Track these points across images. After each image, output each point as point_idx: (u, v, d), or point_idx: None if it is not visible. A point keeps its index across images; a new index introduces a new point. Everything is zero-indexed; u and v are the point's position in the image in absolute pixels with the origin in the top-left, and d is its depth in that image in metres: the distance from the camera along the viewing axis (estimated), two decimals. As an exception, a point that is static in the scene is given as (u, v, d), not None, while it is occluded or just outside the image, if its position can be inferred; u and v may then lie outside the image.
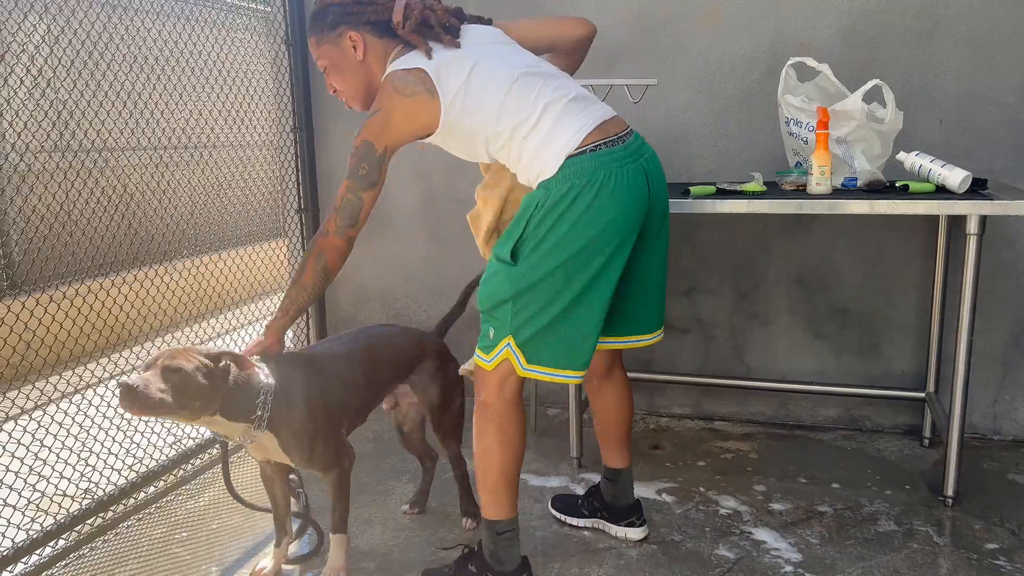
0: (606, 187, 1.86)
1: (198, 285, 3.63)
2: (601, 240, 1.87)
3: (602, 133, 1.89)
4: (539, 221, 1.88)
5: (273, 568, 2.23)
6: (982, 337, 3.03)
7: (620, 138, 1.92)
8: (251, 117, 3.70)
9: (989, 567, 2.21)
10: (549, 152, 1.88)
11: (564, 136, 1.87)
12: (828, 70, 2.68)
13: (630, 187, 1.89)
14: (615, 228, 1.88)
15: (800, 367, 3.24)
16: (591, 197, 1.85)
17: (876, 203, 2.37)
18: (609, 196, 1.86)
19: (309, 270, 1.98)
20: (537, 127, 1.89)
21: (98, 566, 2.35)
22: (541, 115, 1.88)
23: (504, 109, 1.89)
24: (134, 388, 1.79)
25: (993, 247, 2.98)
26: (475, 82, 1.90)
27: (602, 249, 1.88)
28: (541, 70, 1.95)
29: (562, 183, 1.86)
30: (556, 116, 1.89)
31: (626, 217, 1.89)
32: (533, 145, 1.90)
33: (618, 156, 1.88)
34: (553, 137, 1.88)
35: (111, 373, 3.31)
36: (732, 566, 2.25)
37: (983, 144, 2.94)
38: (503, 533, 2.05)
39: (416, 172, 3.61)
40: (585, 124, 1.89)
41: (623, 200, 1.87)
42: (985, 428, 3.12)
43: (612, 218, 1.87)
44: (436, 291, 3.68)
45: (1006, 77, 2.88)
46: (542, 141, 1.89)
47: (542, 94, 1.90)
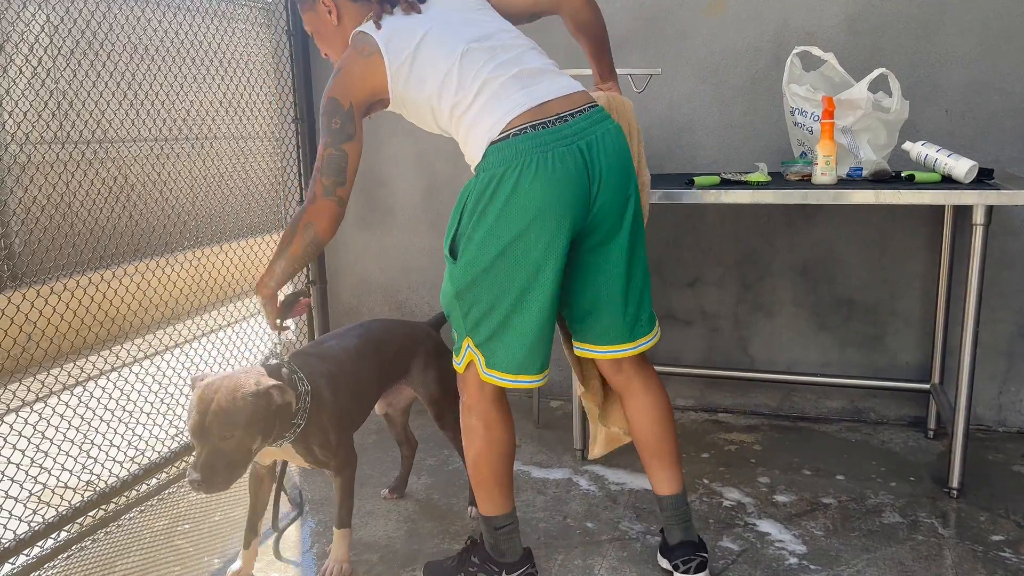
0: (527, 174, 1.72)
1: (199, 277, 3.62)
2: (532, 232, 1.74)
3: (536, 114, 1.75)
4: (470, 214, 1.80)
5: (246, 571, 2.21)
6: (987, 328, 3.02)
7: (559, 119, 1.76)
8: (252, 108, 3.69)
9: (994, 559, 2.20)
10: (475, 137, 1.79)
11: (490, 120, 1.76)
12: (833, 59, 2.66)
13: (555, 172, 1.72)
14: (544, 218, 1.74)
15: (804, 359, 3.22)
16: (512, 185, 1.73)
17: (881, 193, 2.35)
18: (531, 183, 1.72)
19: (297, 241, 1.86)
20: (470, 108, 1.78)
21: (100, 558, 2.34)
22: (476, 95, 1.77)
23: (445, 85, 1.79)
24: (200, 483, 1.76)
25: (999, 238, 2.96)
26: (423, 52, 1.80)
27: (534, 242, 1.75)
28: (493, 43, 1.82)
29: (485, 172, 1.77)
30: (487, 97, 1.77)
31: (555, 205, 1.73)
32: (465, 127, 1.80)
33: (545, 139, 1.73)
34: (480, 120, 1.77)
35: (112, 365, 3.30)
36: (736, 558, 2.24)
37: (989, 134, 2.91)
38: (501, 528, 2.03)
39: (418, 164, 3.59)
40: (516, 105, 1.75)
41: (548, 187, 1.72)
42: (990, 420, 3.10)
43: (539, 207, 1.73)
44: (438, 283, 3.66)
45: (1013, 66, 2.86)
46: (471, 123, 1.79)
47: (482, 71, 1.78)
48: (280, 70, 3.62)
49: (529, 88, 1.78)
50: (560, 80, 1.83)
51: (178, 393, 3.41)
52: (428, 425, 3.27)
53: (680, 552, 2.06)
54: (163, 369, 3.42)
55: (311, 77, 3.64)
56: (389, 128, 3.60)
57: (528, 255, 1.77)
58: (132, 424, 3.02)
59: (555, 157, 1.73)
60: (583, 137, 1.77)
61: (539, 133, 1.74)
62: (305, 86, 3.62)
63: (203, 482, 1.76)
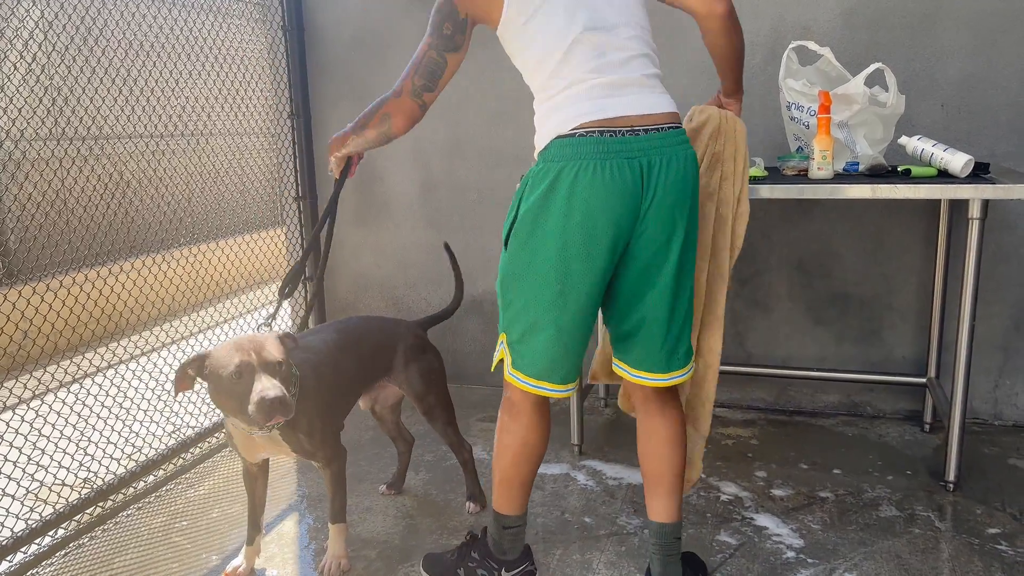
0: (583, 176, 1.71)
1: (195, 273, 3.61)
2: (577, 235, 1.73)
3: (609, 123, 1.72)
4: (522, 203, 1.79)
5: (247, 567, 2.21)
6: (983, 322, 3.03)
7: (630, 131, 1.72)
8: (248, 104, 3.68)
9: (991, 552, 2.20)
10: (547, 125, 1.78)
11: (564, 115, 1.74)
12: (830, 54, 2.65)
13: (608, 180, 1.71)
14: (591, 223, 1.72)
15: (801, 353, 3.23)
16: (567, 186, 1.72)
17: (878, 187, 2.36)
18: (585, 187, 1.71)
19: (373, 126, 1.92)
20: (555, 96, 1.76)
21: (98, 555, 2.34)
22: (565, 88, 1.75)
23: (543, 64, 1.77)
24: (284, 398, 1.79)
25: (994, 232, 2.96)
26: (538, 19, 1.75)
27: (574, 252, 1.74)
28: (606, 39, 1.75)
29: (544, 162, 1.76)
30: (573, 94, 1.75)
31: (601, 214, 1.72)
32: (544, 111, 1.79)
33: (608, 147, 1.71)
34: (557, 112, 1.76)
35: (109, 362, 3.29)
36: (734, 552, 2.24)
37: (985, 128, 2.92)
38: (509, 528, 2.02)
39: (415, 158, 3.59)
40: (595, 110, 1.73)
41: (598, 194, 1.71)
42: (986, 413, 3.11)
43: (584, 212, 1.72)
44: (436, 279, 3.66)
45: (1008, 61, 2.86)
46: (549, 111, 1.78)
47: (578, 68, 1.74)
48: (276, 65, 3.61)
49: (614, 98, 1.74)
50: (649, 97, 1.78)
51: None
52: (424, 422, 3.26)
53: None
54: (160, 366, 3.41)
55: (307, 73, 3.63)
56: (385, 124, 3.59)
57: (567, 259, 1.75)
58: (129, 421, 3.01)
59: (613, 167, 1.71)
60: (647, 155, 1.73)
61: (603, 140, 1.71)
62: (301, 82, 3.61)
63: (283, 399, 1.79)
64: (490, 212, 3.52)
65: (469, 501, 2.50)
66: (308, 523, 2.49)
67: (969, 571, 2.12)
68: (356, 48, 3.57)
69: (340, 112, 3.64)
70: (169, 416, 3.21)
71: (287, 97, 3.61)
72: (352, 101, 3.61)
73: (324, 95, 3.65)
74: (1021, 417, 3.08)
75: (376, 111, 1.90)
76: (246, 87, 3.64)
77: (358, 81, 3.59)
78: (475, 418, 3.30)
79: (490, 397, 3.54)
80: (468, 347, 3.67)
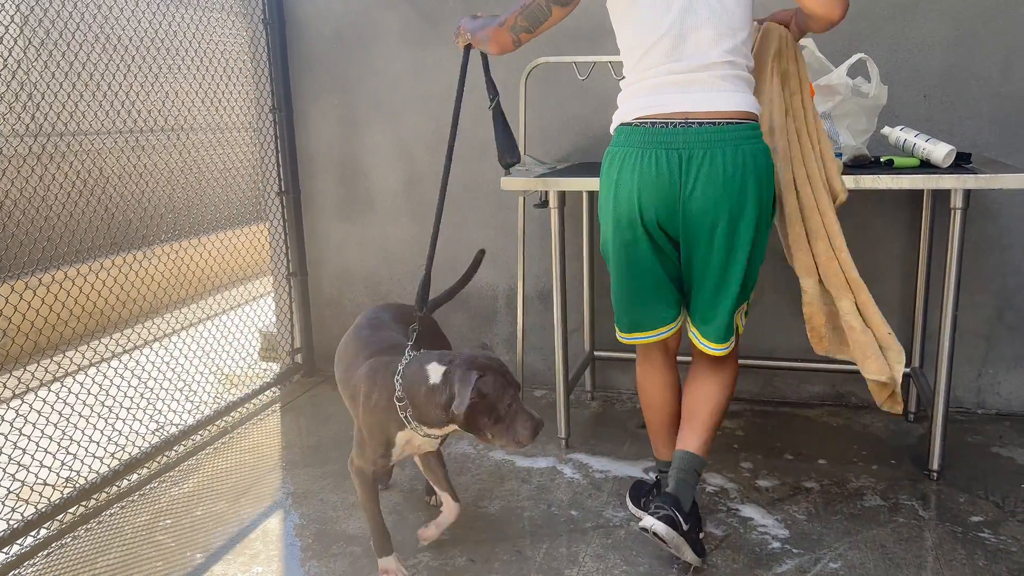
0: (628, 161, 1.94)
1: (177, 270, 3.58)
2: (623, 214, 1.97)
3: (664, 117, 1.90)
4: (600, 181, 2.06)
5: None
6: (966, 312, 3.04)
7: (683, 123, 1.88)
8: (229, 98, 3.65)
9: (974, 539, 2.22)
10: (620, 110, 2.01)
11: (633, 105, 1.95)
12: (812, 44, 2.65)
13: (645, 169, 1.91)
14: (630, 205, 1.95)
15: (786, 344, 3.23)
16: (618, 166, 1.97)
17: (860, 178, 2.36)
18: (629, 171, 1.94)
19: (477, 40, 2.18)
20: (632, 85, 1.97)
21: (81, 555, 2.32)
22: (640, 80, 1.94)
23: (631, 52, 1.96)
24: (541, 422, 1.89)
25: (977, 222, 2.98)
26: (636, 7, 1.93)
27: (623, 225, 1.98)
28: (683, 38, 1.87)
29: (611, 146, 2.02)
30: (646, 86, 1.93)
31: (640, 197, 1.93)
32: (622, 95, 2.02)
33: (656, 138, 1.90)
34: (629, 100, 1.97)
35: (91, 360, 3.26)
36: (720, 543, 2.25)
37: (967, 118, 2.93)
38: (663, 472, 2.25)
39: (399, 153, 3.57)
40: (659, 104, 1.90)
41: (635, 179, 1.92)
42: (969, 402, 3.14)
43: (627, 195, 1.95)
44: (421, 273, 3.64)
45: (989, 51, 2.87)
46: (625, 96, 2.00)
47: (658, 65, 1.90)
48: (257, 59, 3.58)
49: (680, 95, 1.89)
50: (716, 95, 1.89)
51: (158, 387, 3.38)
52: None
53: (660, 499, 2.06)
54: (142, 364, 3.38)
55: (288, 66, 3.60)
56: (368, 116, 3.57)
57: (620, 236, 2.01)
58: (112, 419, 2.98)
59: (651, 156, 1.90)
60: (688, 147, 1.88)
61: (650, 130, 1.90)
62: (282, 76, 3.58)
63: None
64: (474, 205, 3.51)
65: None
66: (293, 520, 2.47)
67: (952, 559, 2.13)
68: (338, 42, 3.54)
69: (322, 106, 3.61)
70: (152, 414, 3.18)
71: (268, 91, 3.57)
72: (334, 95, 3.59)
73: (306, 89, 3.62)
74: (1004, 406, 3.10)
75: (482, 28, 2.16)
76: (227, 81, 3.61)
77: (340, 75, 3.56)
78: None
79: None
80: (454, 341, 3.65)
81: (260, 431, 3.19)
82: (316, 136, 3.66)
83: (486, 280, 3.56)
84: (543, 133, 3.35)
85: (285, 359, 3.77)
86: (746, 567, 2.13)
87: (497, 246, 3.51)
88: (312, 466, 2.84)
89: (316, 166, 3.69)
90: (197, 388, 3.57)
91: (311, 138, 3.66)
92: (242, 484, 2.73)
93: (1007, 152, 2.92)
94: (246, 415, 3.34)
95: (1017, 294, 3.01)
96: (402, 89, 3.50)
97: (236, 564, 2.24)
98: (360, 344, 2.17)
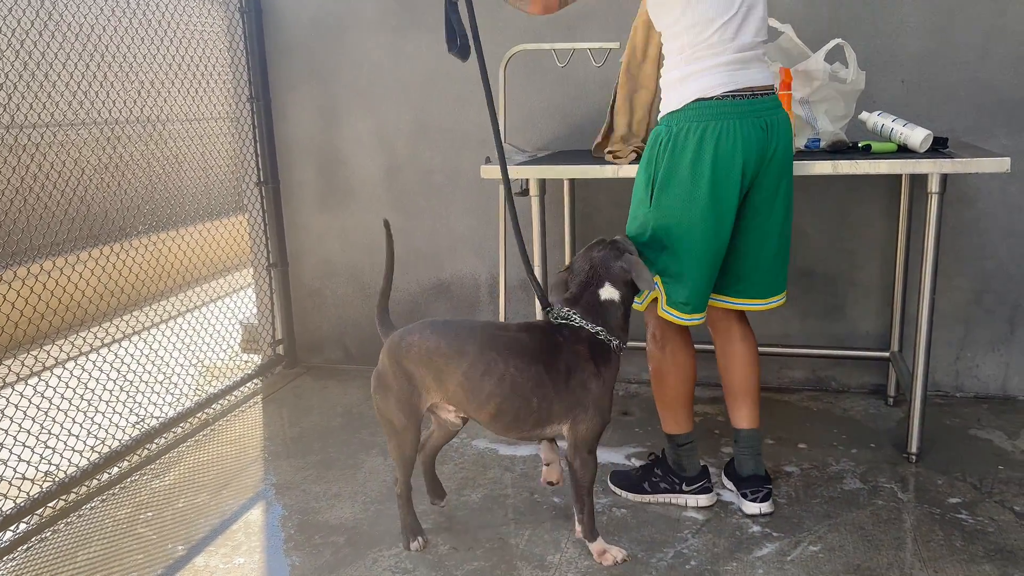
0: (727, 129, 2.02)
1: (156, 263, 3.55)
2: (714, 182, 2.03)
3: (740, 92, 2.03)
4: (662, 158, 2.09)
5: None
6: (944, 296, 3.07)
7: (752, 95, 2.05)
8: (206, 88, 3.61)
9: (951, 521, 2.24)
10: (685, 88, 2.05)
11: (705, 83, 2.03)
12: (791, 30, 2.66)
13: (742, 137, 2.03)
14: (726, 172, 2.03)
15: (766, 330, 3.24)
16: (715, 136, 2.02)
17: (839, 163, 2.37)
18: (729, 137, 2.02)
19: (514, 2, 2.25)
20: (693, 63, 2.04)
21: (61, 549, 2.30)
22: (704, 58, 2.03)
23: (693, 28, 2.02)
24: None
25: (954, 206, 3.00)
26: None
27: (724, 190, 2.04)
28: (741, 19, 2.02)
29: (683, 122, 2.06)
30: (711, 64, 2.03)
31: (736, 163, 2.03)
32: (679, 74, 2.07)
33: (743, 108, 2.03)
34: (697, 79, 2.04)
35: (69, 355, 3.23)
36: (700, 527, 2.26)
37: (944, 103, 2.95)
38: (683, 445, 2.34)
39: (379, 142, 3.55)
40: (730, 81, 2.03)
41: (739, 144, 2.02)
42: (948, 385, 3.16)
43: (730, 159, 2.02)
44: (402, 263, 3.63)
45: (966, 37, 2.88)
46: (685, 75, 2.05)
47: (723, 43, 2.01)
48: (234, 48, 3.54)
49: (743, 72, 2.05)
50: (764, 71, 2.11)
51: (138, 380, 3.35)
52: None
53: (750, 483, 2.31)
54: (122, 357, 3.35)
55: (266, 55, 3.57)
56: (347, 105, 3.55)
57: (718, 203, 2.05)
58: (91, 413, 2.96)
59: (745, 125, 2.03)
60: (766, 115, 2.07)
61: (738, 102, 2.04)
62: (260, 64, 3.55)
63: None
64: (455, 194, 3.50)
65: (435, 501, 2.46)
66: (276, 511, 2.47)
67: (930, 540, 2.15)
68: (315, 30, 3.51)
69: (300, 95, 3.58)
70: (133, 407, 3.16)
71: (246, 80, 3.54)
72: (311, 84, 3.56)
73: (284, 78, 3.59)
74: (982, 388, 3.14)
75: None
76: (204, 71, 3.57)
77: (318, 63, 3.53)
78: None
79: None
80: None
81: (242, 423, 3.18)
82: (295, 125, 3.63)
83: (469, 269, 3.55)
84: (523, 121, 3.34)
85: (266, 351, 3.76)
86: (727, 551, 2.14)
87: (479, 235, 3.50)
88: (294, 457, 2.83)
89: (295, 156, 3.66)
90: (178, 380, 3.54)
91: (290, 127, 3.64)
92: (224, 476, 2.72)
93: (984, 137, 2.94)
94: (228, 407, 3.32)
95: (994, 278, 3.03)
96: (381, 77, 3.48)
97: (218, 556, 2.23)
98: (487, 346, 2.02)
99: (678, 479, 2.37)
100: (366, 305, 3.71)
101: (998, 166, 2.27)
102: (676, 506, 2.37)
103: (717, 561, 2.10)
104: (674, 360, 2.27)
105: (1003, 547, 2.11)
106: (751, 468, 2.33)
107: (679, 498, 2.37)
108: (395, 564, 2.15)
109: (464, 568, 2.11)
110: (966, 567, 2.03)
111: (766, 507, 2.30)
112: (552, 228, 3.34)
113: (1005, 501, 2.34)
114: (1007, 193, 2.96)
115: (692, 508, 2.36)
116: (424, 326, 2.10)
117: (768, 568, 2.06)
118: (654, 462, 2.44)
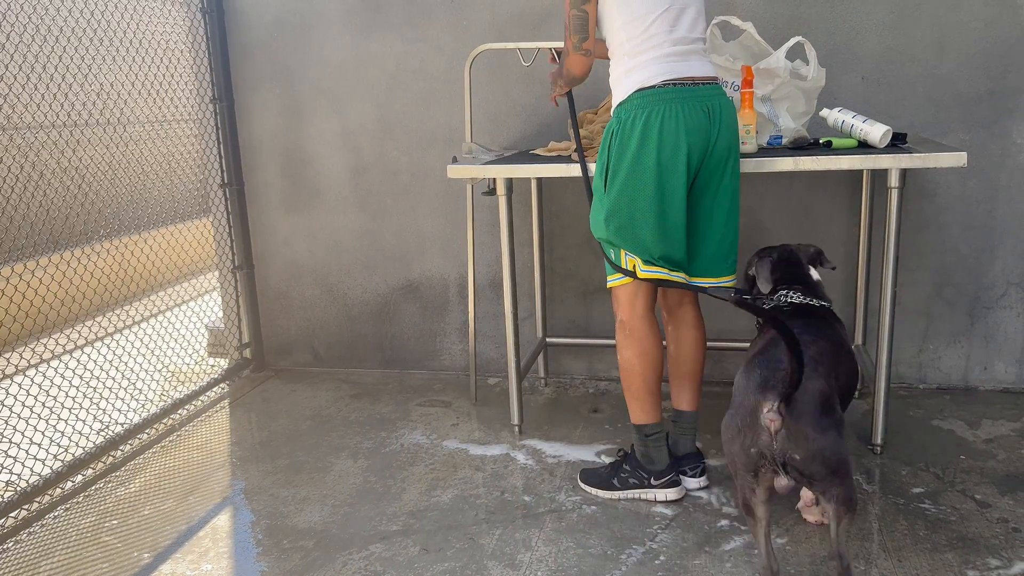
0: (669, 115, 2.13)
1: (120, 267, 3.50)
2: (659, 162, 2.15)
3: (681, 80, 2.15)
4: (614, 147, 2.20)
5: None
6: (906, 289, 3.12)
7: (693, 83, 2.16)
8: (168, 90, 3.56)
9: (915, 511, 2.28)
10: (629, 80, 2.18)
11: (647, 73, 2.15)
12: (752, 28, 2.68)
13: (688, 117, 2.14)
14: (678, 151, 2.14)
15: (732, 326, 3.28)
16: (659, 120, 2.13)
17: (800, 160, 2.40)
18: (672, 120, 2.13)
19: (562, 82, 2.43)
20: (637, 57, 2.17)
21: (23, 559, 2.26)
22: (646, 51, 2.16)
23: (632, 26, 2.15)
24: None
25: (915, 200, 3.05)
26: None
27: (660, 173, 2.16)
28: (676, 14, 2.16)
29: (629, 110, 2.17)
30: (651, 57, 2.16)
31: (685, 140, 2.14)
32: (624, 68, 2.20)
33: (683, 94, 2.15)
34: (639, 71, 2.16)
35: (30, 362, 3.18)
36: (670, 522, 2.28)
37: (904, 99, 2.99)
38: (650, 435, 2.39)
39: (344, 142, 3.52)
40: (671, 71, 2.15)
41: (683, 127, 2.13)
42: (911, 377, 3.21)
43: (674, 141, 2.14)
44: (370, 264, 3.61)
45: (924, 34, 2.93)
46: (630, 68, 2.18)
47: (661, 36, 2.15)
48: (196, 48, 3.50)
49: (683, 63, 2.17)
50: (704, 63, 2.23)
51: (102, 387, 3.30)
52: (364, 408, 3.24)
53: (688, 460, 2.45)
54: (85, 363, 3.30)
55: (228, 55, 3.53)
56: (312, 105, 3.52)
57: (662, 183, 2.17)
58: (54, 420, 2.91)
59: (688, 108, 2.15)
60: (709, 100, 2.19)
61: (686, 89, 2.16)
62: (222, 64, 3.50)
63: None
64: (423, 194, 3.48)
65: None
66: (244, 516, 2.44)
67: (895, 530, 2.19)
68: (278, 29, 3.48)
69: (263, 95, 3.55)
70: (97, 413, 3.11)
71: (209, 81, 3.50)
72: (275, 84, 3.53)
73: (247, 78, 3.55)
74: (944, 380, 3.19)
75: (560, 72, 2.41)
76: (165, 72, 3.52)
77: (281, 63, 3.50)
78: (415, 403, 3.28)
79: (430, 381, 3.52)
80: (407, 332, 3.64)
81: (209, 428, 3.14)
82: (259, 126, 3.59)
83: (437, 269, 3.54)
84: (489, 120, 3.33)
85: (233, 354, 3.72)
86: (696, 545, 2.16)
87: (447, 235, 3.49)
88: (263, 461, 2.81)
89: (260, 157, 3.62)
90: (143, 386, 3.50)
91: (254, 128, 3.60)
92: (191, 482, 2.68)
93: (942, 132, 2.99)
94: (194, 412, 3.28)
95: (955, 271, 3.09)
96: (346, 76, 3.46)
97: (185, 563, 2.21)
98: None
99: (647, 473, 2.40)
100: (334, 307, 3.68)
101: (955, 161, 2.31)
102: (646, 501, 2.39)
103: (686, 555, 2.12)
104: (641, 348, 2.33)
105: (964, 535, 2.15)
106: (688, 446, 2.47)
107: (648, 493, 2.39)
108: (364, 567, 2.14)
109: (434, 569, 2.11)
110: (929, 556, 2.07)
111: (703, 480, 2.45)
112: (520, 227, 3.35)
113: (967, 490, 2.38)
114: (966, 187, 3.01)
115: (661, 503, 2.37)
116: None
117: (736, 562, 2.08)
118: (622, 458, 2.47)
